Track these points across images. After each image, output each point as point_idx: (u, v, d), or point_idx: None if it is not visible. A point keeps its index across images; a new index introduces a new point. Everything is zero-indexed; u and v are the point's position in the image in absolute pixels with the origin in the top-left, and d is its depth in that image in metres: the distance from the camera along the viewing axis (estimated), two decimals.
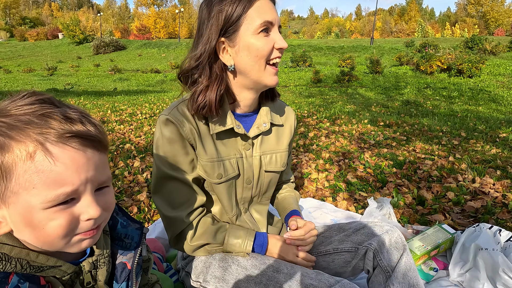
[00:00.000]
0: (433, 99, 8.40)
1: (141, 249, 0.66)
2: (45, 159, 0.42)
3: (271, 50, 0.80)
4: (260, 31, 0.78)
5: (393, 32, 78.61)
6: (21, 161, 0.42)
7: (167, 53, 28.47)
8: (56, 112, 0.44)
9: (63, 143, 0.43)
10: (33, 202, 0.43)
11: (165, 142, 0.84)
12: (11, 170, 0.42)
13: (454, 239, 1.37)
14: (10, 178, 0.42)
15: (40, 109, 0.44)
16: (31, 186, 0.42)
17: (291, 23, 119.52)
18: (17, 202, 0.43)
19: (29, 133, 0.42)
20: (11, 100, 0.45)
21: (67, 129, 0.44)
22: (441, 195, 2.08)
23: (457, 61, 12.15)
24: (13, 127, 0.42)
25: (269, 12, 0.78)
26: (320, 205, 1.97)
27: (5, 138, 0.42)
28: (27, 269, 0.47)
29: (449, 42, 23.14)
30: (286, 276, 0.80)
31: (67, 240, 0.48)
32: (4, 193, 0.43)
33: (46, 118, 0.43)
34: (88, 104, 6.77)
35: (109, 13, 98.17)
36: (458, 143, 3.41)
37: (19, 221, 0.45)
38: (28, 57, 31.95)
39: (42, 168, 0.42)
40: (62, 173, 0.43)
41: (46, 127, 0.43)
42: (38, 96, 0.46)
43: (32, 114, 0.43)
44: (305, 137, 3.72)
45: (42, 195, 0.43)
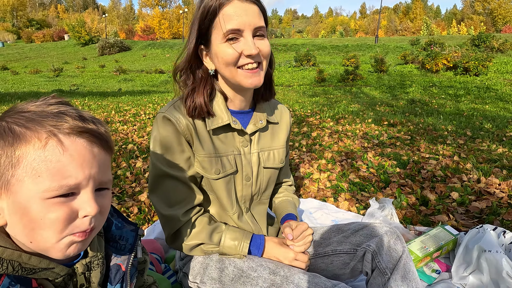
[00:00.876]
0: (439, 97, 8.29)
1: (136, 251, 0.65)
2: (56, 148, 0.45)
3: (238, 58, 0.80)
4: (226, 40, 0.78)
5: (398, 31, 77.95)
6: (33, 148, 0.44)
7: (171, 53, 28.60)
8: (72, 110, 0.49)
9: (74, 136, 0.47)
10: (36, 190, 0.44)
11: (162, 140, 0.85)
12: (22, 157, 0.44)
13: (457, 240, 1.35)
14: (19, 165, 0.44)
15: (58, 107, 0.48)
16: (37, 174, 0.44)
17: (295, 22, 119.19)
18: (19, 191, 0.45)
19: (44, 125, 0.45)
20: (33, 101, 0.50)
21: (79, 124, 0.47)
22: (445, 196, 2.05)
23: (463, 59, 11.98)
24: (31, 120, 0.46)
25: (235, 20, 0.76)
26: (321, 205, 1.96)
27: (21, 128, 0.45)
28: (19, 271, 0.47)
29: (455, 40, 22.85)
30: (283, 279, 0.80)
31: (60, 238, 0.47)
32: (10, 180, 0.45)
33: (62, 114, 0.47)
34: (93, 104, 6.82)
35: (114, 14, 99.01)
36: (464, 142, 3.36)
37: (16, 212, 0.45)
38: (34, 59, 32.38)
39: (51, 157, 0.45)
40: (68, 165, 0.45)
41: (61, 120, 0.46)
42: (57, 98, 0.51)
43: (50, 111, 0.47)
44: (308, 137, 3.70)
45: (46, 184, 0.44)
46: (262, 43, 0.81)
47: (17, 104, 0.50)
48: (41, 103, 0.49)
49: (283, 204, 1.08)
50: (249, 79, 0.82)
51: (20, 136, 0.44)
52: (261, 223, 1.02)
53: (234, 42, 0.79)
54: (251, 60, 0.80)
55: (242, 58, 0.80)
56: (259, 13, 0.79)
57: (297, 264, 0.87)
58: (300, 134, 3.88)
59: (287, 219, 1.01)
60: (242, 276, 0.83)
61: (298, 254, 0.88)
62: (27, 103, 0.49)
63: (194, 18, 0.82)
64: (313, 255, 1.00)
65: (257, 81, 0.83)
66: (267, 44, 0.82)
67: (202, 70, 0.87)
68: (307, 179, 2.42)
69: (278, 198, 1.13)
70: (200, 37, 0.82)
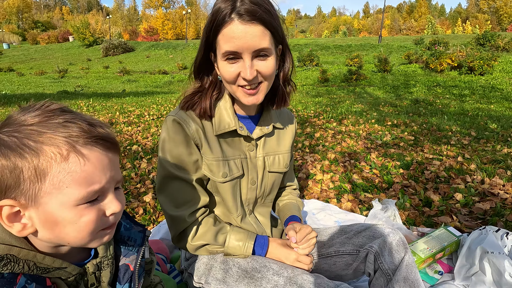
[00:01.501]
0: (443, 97, 8.24)
1: (144, 251, 0.68)
2: (77, 160, 0.47)
3: (236, 78, 0.79)
4: (225, 59, 0.78)
5: (402, 30, 77.47)
6: (56, 163, 0.46)
7: (174, 54, 28.74)
8: (79, 118, 0.50)
9: (91, 145, 0.49)
10: (65, 200, 0.47)
11: (171, 142, 0.87)
12: (46, 171, 0.46)
13: (460, 242, 1.35)
14: (44, 179, 0.46)
15: (63, 116, 0.49)
16: (64, 185, 0.47)
17: (298, 22, 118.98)
18: (49, 202, 0.47)
19: (60, 137, 0.46)
20: (28, 111, 0.49)
21: (93, 132, 0.49)
22: (449, 197, 2.05)
23: (468, 58, 11.89)
24: (43, 133, 0.46)
25: (233, 42, 0.74)
26: (324, 206, 1.97)
27: (37, 144, 0.46)
28: (34, 270, 0.49)
29: (460, 39, 22.67)
30: (286, 280, 0.81)
31: (94, 235, 0.52)
32: (38, 193, 0.46)
33: (72, 123, 0.48)
34: (98, 105, 6.89)
35: (118, 16, 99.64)
36: (468, 143, 3.34)
37: (47, 221, 0.48)
38: (40, 60, 32.71)
39: (75, 168, 0.47)
40: (91, 173, 0.48)
41: (75, 131, 0.48)
42: (55, 105, 0.50)
43: (57, 122, 0.48)
44: (311, 138, 3.71)
45: (75, 193, 0.47)
46: (263, 64, 0.78)
47: (12, 115, 0.49)
48: (40, 113, 0.48)
49: (287, 207, 1.09)
50: (247, 97, 0.82)
51: (38, 152, 0.45)
52: (264, 225, 1.04)
53: (234, 62, 0.78)
54: (248, 83, 0.79)
55: (240, 79, 0.79)
56: (261, 33, 0.75)
57: (299, 265, 0.89)
58: (303, 134, 3.89)
59: (290, 221, 1.02)
60: (246, 277, 0.85)
61: (301, 256, 0.90)
62: (23, 114, 0.48)
63: (204, 25, 0.82)
64: (316, 256, 1.01)
65: (254, 100, 0.82)
66: (269, 65, 0.79)
67: (213, 75, 0.88)
68: (310, 180, 2.43)
69: (282, 201, 1.14)
70: (208, 47, 0.83)
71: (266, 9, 0.75)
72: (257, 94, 0.82)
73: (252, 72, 0.77)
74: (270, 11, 0.77)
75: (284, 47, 0.85)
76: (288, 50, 0.87)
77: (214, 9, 0.77)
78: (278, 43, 0.82)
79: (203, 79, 0.89)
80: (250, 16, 0.73)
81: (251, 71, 0.77)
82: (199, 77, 0.88)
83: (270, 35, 0.77)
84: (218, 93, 0.89)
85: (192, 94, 0.89)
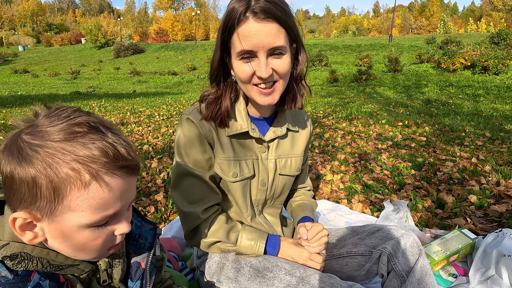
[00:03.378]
0: (456, 97, 8.06)
1: (155, 249, 0.69)
2: (98, 188, 0.47)
3: (251, 76, 0.79)
4: (240, 58, 0.78)
5: (413, 29, 76.17)
6: (76, 188, 0.46)
7: (183, 55, 28.98)
8: (105, 139, 0.48)
9: (112, 173, 0.48)
10: (78, 222, 0.48)
11: (185, 140, 0.88)
12: (65, 194, 0.46)
13: (475, 244, 1.32)
14: (62, 201, 0.46)
15: (89, 136, 0.47)
16: (80, 209, 0.47)
17: (307, 22, 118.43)
18: (62, 221, 0.47)
19: (83, 163, 0.45)
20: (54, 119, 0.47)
21: (117, 158, 0.48)
22: (463, 199, 2.01)
23: (482, 57, 11.60)
24: (67, 154, 0.45)
25: (248, 41, 0.74)
26: (335, 207, 1.95)
27: (59, 166, 0.45)
28: (48, 268, 0.50)
29: (473, 37, 22.14)
30: (299, 280, 0.81)
31: (100, 252, 0.54)
32: (53, 211, 0.47)
33: (97, 147, 0.46)
34: (109, 106, 7.01)
35: (128, 18, 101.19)
36: (482, 143, 3.26)
37: (58, 235, 0.49)
38: (53, 62, 33.51)
39: (94, 195, 0.47)
40: (109, 199, 0.48)
41: (99, 158, 0.46)
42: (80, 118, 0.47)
43: (82, 144, 0.46)
44: (321, 138, 3.69)
45: (89, 218, 0.48)
46: (279, 62, 0.78)
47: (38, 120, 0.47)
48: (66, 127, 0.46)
49: (300, 207, 1.09)
50: (263, 97, 0.82)
51: (61, 174, 0.45)
52: (274, 224, 1.04)
53: (249, 61, 0.78)
54: (261, 81, 0.79)
55: (255, 78, 0.79)
56: (276, 31, 0.74)
57: (311, 264, 0.88)
58: (312, 135, 3.87)
59: (303, 221, 1.01)
60: (258, 276, 0.85)
61: (313, 254, 0.89)
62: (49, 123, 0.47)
63: (219, 26, 0.82)
64: (328, 257, 1.00)
65: (270, 100, 0.82)
66: (284, 62, 0.78)
67: (229, 77, 0.89)
68: (320, 181, 2.42)
69: (295, 202, 1.13)
70: (223, 48, 0.83)
71: (281, 7, 0.75)
72: (272, 93, 0.82)
73: (268, 70, 0.77)
74: (285, 9, 0.76)
75: (299, 46, 0.84)
76: (303, 48, 0.86)
77: (228, 9, 0.77)
78: (293, 41, 0.82)
79: (221, 81, 0.88)
80: (265, 14, 0.73)
81: (267, 69, 0.77)
82: (216, 79, 0.88)
83: (285, 33, 0.77)
84: (235, 95, 0.90)
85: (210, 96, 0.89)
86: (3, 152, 0.47)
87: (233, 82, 0.89)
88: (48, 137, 0.45)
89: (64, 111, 0.48)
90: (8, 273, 0.46)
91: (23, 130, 0.47)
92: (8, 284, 0.46)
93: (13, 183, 0.46)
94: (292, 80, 0.88)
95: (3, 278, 0.46)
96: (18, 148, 0.45)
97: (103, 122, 0.50)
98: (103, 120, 0.51)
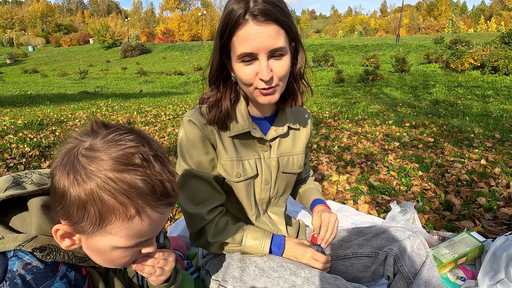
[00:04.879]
0: (465, 98, 7.95)
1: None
2: (139, 221, 0.50)
3: (253, 79, 0.79)
4: (241, 61, 0.78)
5: (421, 29, 75.28)
6: (121, 219, 0.49)
7: (190, 55, 29.14)
8: (157, 179, 0.50)
9: (154, 209, 0.50)
10: (114, 244, 0.51)
11: (188, 142, 0.88)
12: (108, 222, 0.49)
13: (484, 247, 1.30)
14: (104, 227, 0.50)
15: (141, 171, 0.49)
16: (118, 235, 0.50)
17: (313, 22, 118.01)
18: (99, 240, 0.51)
19: (134, 201, 0.48)
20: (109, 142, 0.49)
21: (163, 196, 0.51)
22: (471, 201, 1.98)
23: (492, 57, 11.40)
24: (118, 190, 0.47)
25: (248, 44, 0.74)
26: (341, 208, 1.94)
27: (109, 197, 0.47)
28: (73, 259, 0.54)
29: (483, 37, 21.78)
30: (304, 280, 0.81)
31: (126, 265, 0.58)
32: (94, 233, 0.50)
33: (148, 186, 0.49)
34: (116, 106, 7.09)
35: (136, 18, 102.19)
36: (492, 145, 3.21)
37: (92, 249, 0.53)
38: (62, 62, 34.02)
39: (134, 226, 0.50)
40: (146, 230, 0.52)
41: (148, 196, 0.49)
42: (133, 149, 0.49)
43: (134, 178, 0.48)
44: (327, 139, 3.67)
45: (123, 243, 0.51)
46: (278, 64, 0.77)
47: (96, 143, 0.49)
48: (120, 155, 0.48)
49: (309, 191, 1.15)
50: (263, 97, 0.82)
51: (111, 208, 0.48)
52: (279, 223, 1.04)
53: (249, 64, 0.77)
54: (264, 83, 0.79)
55: (256, 80, 0.79)
56: (276, 33, 0.74)
57: (314, 264, 0.88)
58: (318, 135, 3.85)
59: (316, 204, 1.07)
60: (263, 276, 0.85)
61: (316, 254, 0.90)
62: (104, 147, 0.48)
63: (217, 28, 0.81)
64: (333, 257, 1.00)
65: (270, 99, 0.82)
66: (284, 64, 0.78)
67: (229, 78, 0.88)
68: (325, 181, 2.41)
69: (302, 188, 1.19)
70: (222, 50, 0.82)
71: (280, 7, 0.75)
72: (273, 93, 0.82)
73: (269, 73, 0.77)
74: (283, 9, 0.76)
75: (297, 44, 0.84)
76: (301, 46, 0.85)
77: (227, 10, 0.76)
78: (292, 40, 0.82)
79: (220, 83, 0.88)
80: (264, 16, 0.72)
81: (268, 71, 0.76)
82: (216, 82, 0.87)
83: (285, 33, 0.77)
84: (235, 96, 0.90)
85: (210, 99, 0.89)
86: (59, 167, 0.49)
87: (233, 83, 0.88)
88: (103, 166, 0.47)
89: (121, 136, 0.50)
90: (39, 263, 0.50)
91: (81, 149, 0.49)
92: (40, 273, 0.49)
93: (64, 199, 0.49)
94: (292, 79, 0.88)
95: (35, 268, 0.49)
96: (74, 169, 0.48)
97: (156, 153, 0.52)
98: (156, 149, 0.53)
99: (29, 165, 2.75)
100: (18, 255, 0.49)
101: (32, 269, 0.49)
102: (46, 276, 0.49)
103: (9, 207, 0.54)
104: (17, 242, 0.49)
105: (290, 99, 0.91)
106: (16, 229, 0.53)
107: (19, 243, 0.49)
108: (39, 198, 0.55)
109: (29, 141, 3.43)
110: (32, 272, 0.48)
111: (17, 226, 0.53)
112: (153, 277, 0.64)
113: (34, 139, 3.60)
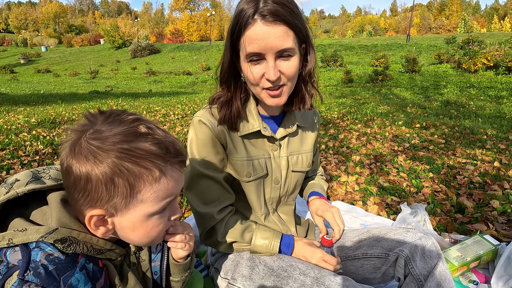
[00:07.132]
0: (477, 99, 7.78)
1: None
2: (165, 181, 0.54)
3: (260, 79, 0.79)
4: (249, 60, 0.78)
5: (432, 29, 74.01)
6: (148, 183, 0.53)
7: (198, 55, 29.34)
8: (167, 140, 0.55)
9: (173, 167, 0.56)
10: (147, 212, 0.55)
11: (198, 142, 0.89)
12: (139, 190, 0.52)
13: (498, 251, 1.27)
14: (135, 196, 0.53)
15: (152, 136, 0.54)
16: (148, 200, 0.54)
17: (322, 22, 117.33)
18: (133, 213, 0.54)
19: (156, 163, 0.53)
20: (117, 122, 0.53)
21: (177, 154, 0.56)
22: (484, 203, 1.93)
23: (506, 57, 11.12)
24: (147, 158, 0.52)
25: (256, 44, 0.74)
26: (350, 208, 1.93)
27: (134, 166, 0.51)
28: (91, 252, 0.56)
29: (497, 37, 21.29)
30: (313, 280, 0.80)
31: (160, 237, 0.62)
32: (127, 206, 0.53)
33: (163, 147, 0.54)
34: (126, 105, 7.19)
35: (145, 19, 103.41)
36: (505, 147, 3.13)
37: (128, 226, 0.56)
38: (74, 62, 34.68)
39: (161, 187, 0.54)
40: (171, 188, 0.56)
41: (166, 157, 0.54)
42: (139, 118, 0.55)
43: (147, 145, 0.52)
44: (335, 139, 3.64)
45: (155, 207, 0.55)
46: (286, 64, 0.77)
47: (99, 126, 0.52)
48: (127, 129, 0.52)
49: (311, 185, 1.16)
50: (270, 99, 0.82)
51: (137, 175, 0.51)
52: (288, 223, 1.04)
53: (257, 63, 0.78)
54: (270, 84, 0.78)
55: (263, 80, 0.79)
56: (285, 34, 0.74)
57: (323, 265, 0.88)
58: (326, 136, 3.83)
59: (312, 196, 1.08)
60: (272, 275, 0.85)
61: (326, 256, 0.89)
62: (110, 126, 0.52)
63: (228, 28, 0.82)
64: (342, 257, 0.99)
65: (278, 102, 0.82)
66: (292, 65, 0.78)
67: (239, 78, 0.88)
68: (334, 182, 2.39)
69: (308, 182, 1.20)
70: (232, 49, 0.82)
71: (289, 8, 0.74)
72: (280, 95, 0.82)
73: (276, 73, 0.77)
74: (293, 10, 0.76)
75: (308, 46, 0.83)
76: (312, 48, 0.85)
77: (237, 10, 0.77)
78: (302, 42, 0.81)
79: (231, 82, 0.88)
80: (273, 16, 0.72)
81: (275, 71, 0.76)
82: (227, 82, 0.88)
83: (294, 34, 0.76)
84: (245, 95, 0.90)
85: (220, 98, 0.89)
86: (73, 158, 0.51)
87: (243, 83, 0.89)
88: (115, 141, 0.51)
89: (119, 116, 0.54)
90: (61, 254, 0.52)
91: (87, 136, 0.52)
92: (61, 263, 0.51)
93: (89, 184, 0.50)
94: (301, 81, 0.87)
95: (57, 259, 0.51)
96: (91, 152, 0.50)
97: (153, 122, 0.57)
98: (150, 120, 0.58)
99: (42, 162, 2.81)
100: (40, 246, 0.51)
101: (54, 260, 0.50)
102: (67, 267, 0.51)
103: (28, 201, 0.56)
104: (39, 234, 0.51)
105: (298, 102, 0.91)
106: (37, 222, 0.54)
107: (42, 235, 0.51)
108: (58, 193, 0.57)
109: (42, 139, 3.51)
110: (54, 263, 0.50)
111: (37, 219, 0.55)
112: (180, 252, 0.71)
113: (47, 137, 3.68)
